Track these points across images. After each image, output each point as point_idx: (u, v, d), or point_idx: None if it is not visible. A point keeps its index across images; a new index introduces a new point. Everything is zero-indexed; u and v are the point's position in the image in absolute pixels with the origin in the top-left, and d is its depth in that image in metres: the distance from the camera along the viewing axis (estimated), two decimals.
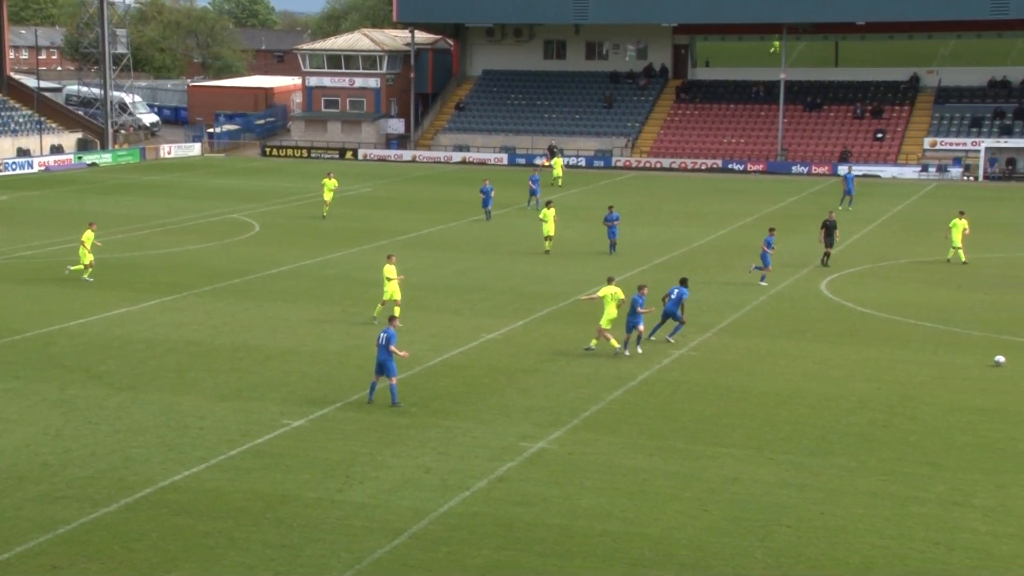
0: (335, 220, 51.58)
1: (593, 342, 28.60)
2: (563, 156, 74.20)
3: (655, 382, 26.13)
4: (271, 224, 51.20)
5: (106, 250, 37.92)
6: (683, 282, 29.88)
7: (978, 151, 72.29)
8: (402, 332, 28.17)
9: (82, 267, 37.15)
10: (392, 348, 23.78)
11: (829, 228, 40.60)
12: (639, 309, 28.00)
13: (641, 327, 28.31)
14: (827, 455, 21.34)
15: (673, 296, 29.31)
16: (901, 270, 40.89)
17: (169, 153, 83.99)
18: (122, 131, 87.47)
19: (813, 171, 74.48)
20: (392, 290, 31.18)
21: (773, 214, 55.31)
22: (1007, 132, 74.19)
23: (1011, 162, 71.90)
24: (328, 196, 52.84)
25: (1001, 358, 27.71)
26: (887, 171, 73.03)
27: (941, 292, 36.81)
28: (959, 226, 41.36)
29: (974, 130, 75.01)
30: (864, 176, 67.92)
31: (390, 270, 31.44)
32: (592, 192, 64.96)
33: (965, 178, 71.57)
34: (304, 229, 49.84)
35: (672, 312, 29.26)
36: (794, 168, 75.34)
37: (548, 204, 44.49)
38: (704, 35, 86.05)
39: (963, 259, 41.31)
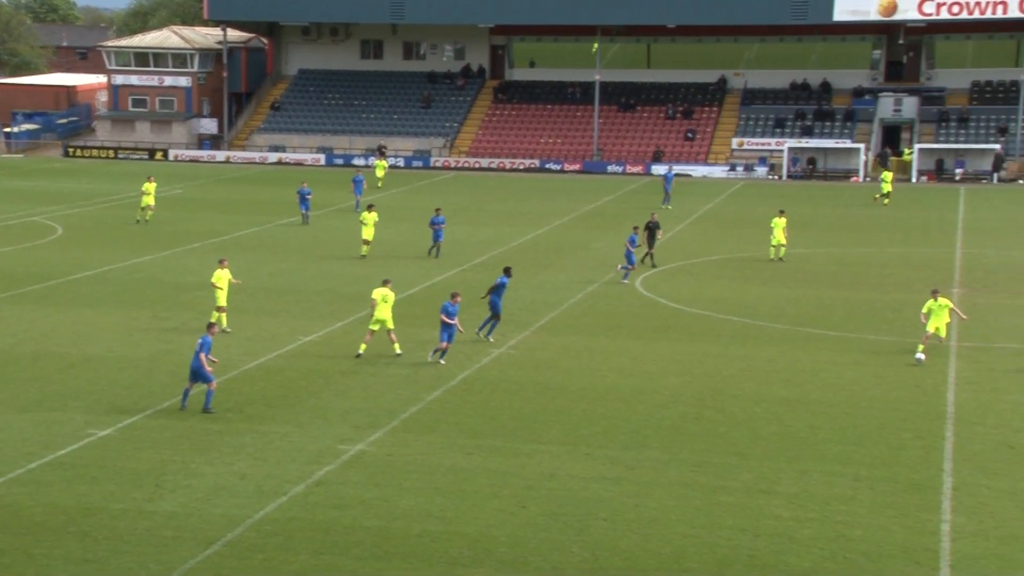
0: (146, 223, 49.81)
1: (396, 347, 28.00)
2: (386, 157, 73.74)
3: (474, 381, 26.20)
4: (75, 227, 49.10)
5: None
6: (506, 271, 30.44)
7: (782, 151, 75.45)
8: (218, 336, 27.43)
9: None
10: (202, 356, 23.11)
11: (652, 229, 41.57)
12: (448, 319, 27.21)
13: (445, 344, 27.29)
14: (641, 448, 21.84)
15: (496, 283, 29.70)
16: (712, 267, 42.26)
17: None
18: None
19: (628, 170, 76.24)
20: (220, 297, 30.20)
21: (590, 213, 56.36)
22: (808, 133, 77.64)
23: (812, 161, 75.24)
24: (150, 200, 49.88)
25: (921, 356, 28.26)
26: (698, 170, 75.37)
27: (748, 288, 38.19)
28: (780, 224, 43.02)
29: (778, 130, 78.20)
30: (676, 175, 69.84)
31: (219, 277, 30.30)
32: (412, 192, 64.81)
33: (770, 177, 74.55)
34: (111, 232, 47.99)
35: (495, 304, 29.48)
36: (609, 168, 76.94)
37: (370, 208, 44.04)
38: (521, 36, 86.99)
39: (771, 256, 42.89)
